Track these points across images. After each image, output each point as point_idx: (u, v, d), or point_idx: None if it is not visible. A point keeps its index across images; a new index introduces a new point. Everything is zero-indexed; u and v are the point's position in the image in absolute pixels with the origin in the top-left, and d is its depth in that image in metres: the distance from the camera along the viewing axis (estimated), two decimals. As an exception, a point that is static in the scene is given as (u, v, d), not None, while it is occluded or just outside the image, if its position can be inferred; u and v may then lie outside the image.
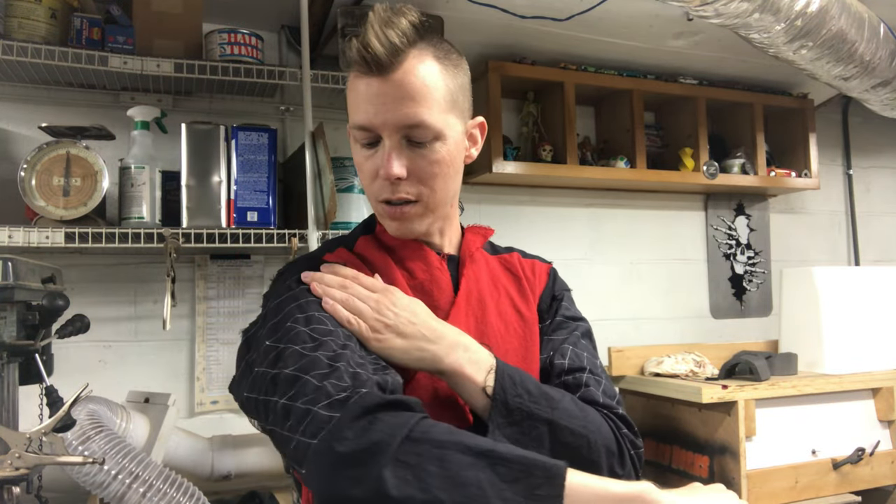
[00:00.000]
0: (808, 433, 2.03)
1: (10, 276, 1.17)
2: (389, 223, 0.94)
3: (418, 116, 0.86)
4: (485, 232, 1.04)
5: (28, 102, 1.86)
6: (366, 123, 0.88)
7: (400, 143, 0.87)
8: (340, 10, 1.90)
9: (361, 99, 0.88)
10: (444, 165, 0.90)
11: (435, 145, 0.88)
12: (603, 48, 2.34)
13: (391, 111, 0.86)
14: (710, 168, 2.50)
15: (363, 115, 0.88)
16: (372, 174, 0.90)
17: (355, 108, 0.89)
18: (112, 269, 1.91)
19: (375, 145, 0.89)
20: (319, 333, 0.81)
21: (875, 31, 1.99)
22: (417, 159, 0.88)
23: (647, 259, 2.66)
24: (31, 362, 1.23)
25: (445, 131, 0.89)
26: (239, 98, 2.04)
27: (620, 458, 0.89)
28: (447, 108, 0.89)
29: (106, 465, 1.36)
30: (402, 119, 0.86)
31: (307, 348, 0.79)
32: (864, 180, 3.15)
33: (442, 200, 0.93)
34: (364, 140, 0.90)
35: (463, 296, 0.95)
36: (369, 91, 0.87)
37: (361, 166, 0.92)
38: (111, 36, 1.71)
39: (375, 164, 0.89)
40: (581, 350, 0.98)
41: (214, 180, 1.76)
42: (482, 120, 0.99)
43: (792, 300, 2.39)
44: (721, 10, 1.64)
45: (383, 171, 0.87)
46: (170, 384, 1.93)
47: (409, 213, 0.91)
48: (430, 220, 0.94)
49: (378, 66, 0.85)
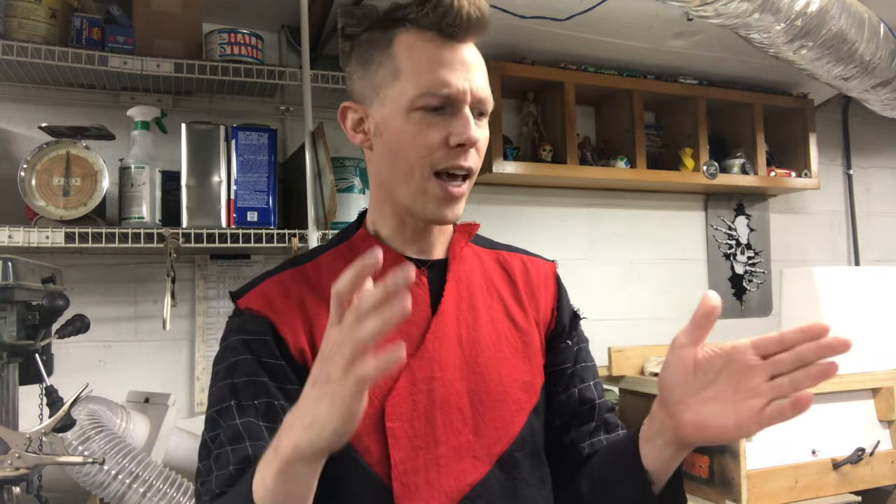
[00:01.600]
0: (808, 433, 2.03)
1: (10, 276, 1.17)
2: (439, 206, 0.85)
3: (488, 89, 0.86)
4: (469, 228, 0.97)
5: (28, 102, 1.86)
6: (448, 89, 0.82)
7: (472, 113, 0.85)
8: (340, 10, 1.90)
9: (436, 62, 0.83)
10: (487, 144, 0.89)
11: (486, 123, 0.88)
12: (603, 48, 2.34)
13: (472, 78, 0.84)
14: (710, 168, 2.50)
15: (444, 77, 0.82)
16: (440, 142, 0.83)
17: (425, 71, 0.83)
18: (112, 269, 1.91)
19: (443, 111, 0.83)
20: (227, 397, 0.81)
21: (875, 31, 1.99)
22: (479, 132, 0.86)
23: (647, 259, 2.66)
24: (31, 362, 1.23)
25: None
26: (239, 98, 2.04)
27: None
28: None
29: (106, 465, 1.36)
30: (481, 87, 0.85)
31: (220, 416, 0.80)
32: (864, 180, 3.15)
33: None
34: (436, 104, 0.82)
35: (450, 303, 0.89)
36: (450, 56, 0.83)
37: (420, 136, 0.83)
38: (111, 36, 1.71)
39: (446, 131, 0.83)
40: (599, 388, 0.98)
41: (214, 180, 1.76)
42: None
43: (792, 300, 2.38)
44: (721, 10, 1.64)
45: (463, 137, 0.82)
46: (170, 384, 1.93)
47: (464, 192, 0.86)
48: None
49: (458, 30, 0.83)
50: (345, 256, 0.88)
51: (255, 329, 0.83)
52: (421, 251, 0.91)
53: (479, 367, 0.88)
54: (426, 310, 0.88)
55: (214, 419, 0.81)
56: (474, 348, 0.88)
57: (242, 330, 0.83)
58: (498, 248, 1.01)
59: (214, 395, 0.82)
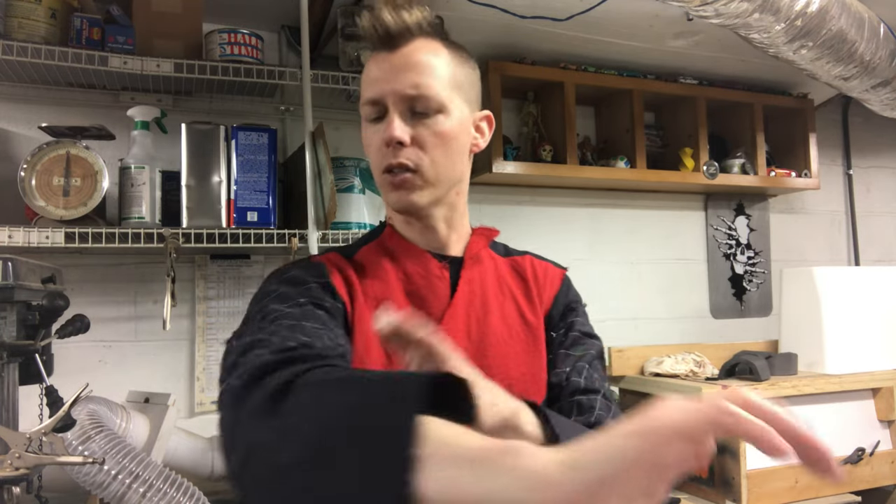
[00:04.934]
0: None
1: (10, 276, 1.17)
2: (391, 195, 0.93)
3: (421, 86, 0.90)
4: (489, 233, 1.04)
5: (28, 102, 1.86)
6: (373, 95, 0.91)
7: (404, 112, 0.90)
8: (340, 10, 1.90)
9: (371, 74, 0.92)
10: (446, 138, 0.92)
11: (438, 117, 0.91)
12: (603, 48, 2.34)
13: (397, 80, 0.90)
14: (710, 168, 2.50)
15: (371, 88, 0.92)
16: (377, 145, 0.92)
17: (365, 85, 0.93)
18: (112, 269, 1.91)
19: (382, 120, 0.92)
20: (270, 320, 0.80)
21: (875, 31, 1.99)
22: (420, 128, 0.91)
23: (647, 259, 2.66)
24: (31, 362, 1.23)
25: (449, 105, 0.92)
26: (239, 98, 2.03)
27: None
28: (451, 86, 0.92)
29: (106, 465, 1.36)
30: (406, 87, 0.89)
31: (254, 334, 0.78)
32: (864, 180, 3.15)
33: (443, 176, 0.93)
34: (372, 115, 0.92)
35: (462, 298, 0.94)
36: (379, 66, 0.92)
37: (370, 142, 0.94)
38: (111, 36, 1.71)
39: (381, 134, 0.91)
40: (594, 371, 0.96)
41: (214, 180, 1.76)
42: (489, 113, 1.01)
43: (792, 300, 2.38)
44: (721, 10, 1.64)
45: (385, 135, 0.90)
46: (170, 384, 1.93)
47: (409, 180, 0.91)
48: (430, 194, 0.93)
49: (388, 40, 0.91)
50: (379, 250, 0.97)
51: (311, 265, 0.92)
52: (438, 248, 0.97)
53: (487, 361, 0.90)
54: (445, 302, 0.93)
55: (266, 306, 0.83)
56: (483, 343, 0.91)
57: (296, 265, 0.92)
58: (512, 255, 1.05)
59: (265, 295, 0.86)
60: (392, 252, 0.97)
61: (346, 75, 1.91)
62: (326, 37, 2.02)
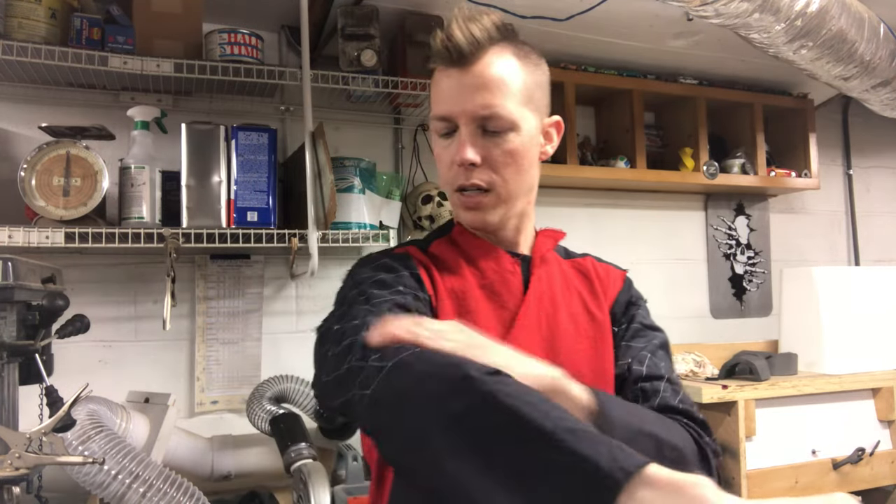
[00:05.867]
0: (808, 433, 2.03)
1: (10, 276, 1.17)
2: (464, 214, 0.96)
3: (493, 106, 0.90)
4: (556, 235, 1.07)
5: (28, 102, 1.85)
6: (444, 113, 0.92)
7: (475, 131, 0.91)
8: (340, 10, 1.90)
9: (442, 90, 0.93)
10: (517, 156, 0.93)
11: (509, 135, 0.92)
12: (603, 48, 2.34)
13: (468, 100, 0.90)
14: (710, 168, 2.50)
15: (442, 105, 0.93)
16: (448, 163, 0.94)
17: (436, 100, 0.94)
18: (112, 269, 1.91)
19: (453, 135, 0.93)
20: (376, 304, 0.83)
21: (875, 31, 1.99)
22: (491, 148, 0.92)
23: (647, 259, 2.66)
24: (31, 362, 1.23)
25: (520, 123, 0.92)
26: (239, 98, 2.03)
27: (706, 467, 0.85)
28: (523, 101, 0.93)
29: (106, 465, 1.36)
30: (477, 107, 0.90)
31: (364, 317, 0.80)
32: (864, 180, 3.15)
33: (515, 192, 0.95)
34: (443, 130, 0.94)
35: (532, 296, 0.96)
36: (449, 82, 0.92)
37: (440, 157, 0.96)
38: (111, 36, 1.71)
39: (451, 153, 0.93)
40: (658, 360, 0.97)
41: (214, 180, 1.76)
42: (559, 119, 1.02)
43: (792, 300, 2.38)
44: (721, 10, 1.64)
45: (457, 157, 0.91)
46: (170, 384, 1.92)
47: (482, 202, 0.93)
48: (503, 211, 0.96)
49: (459, 58, 0.91)
50: (451, 245, 1.00)
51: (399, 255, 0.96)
52: (508, 246, 1.00)
53: (559, 358, 0.92)
54: (518, 297, 0.96)
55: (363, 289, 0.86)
56: (553, 339, 0.94)
57: (384, 254, 0.96)
58: (573, 257, 1.09)
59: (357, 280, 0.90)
60: (464, 247, 0.99)
61: (346, 75, 1.91)
62: (326, 37, 2.02)
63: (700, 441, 0.86)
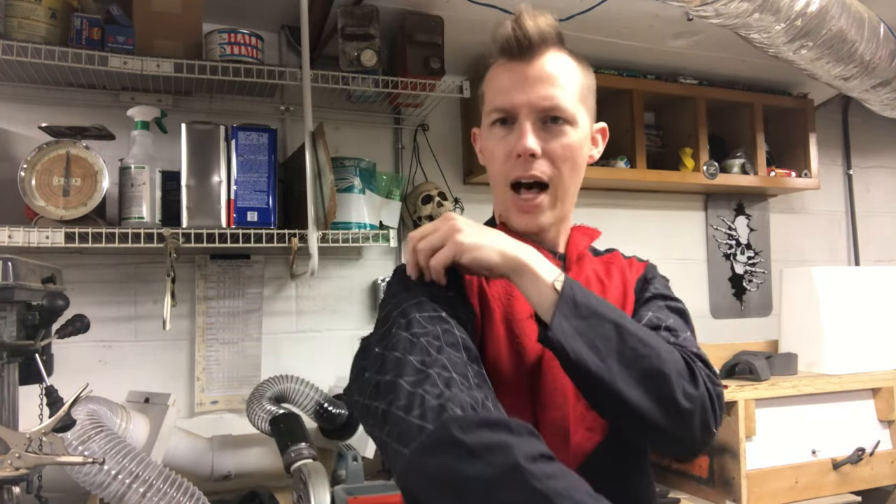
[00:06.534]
0: (808, 433, 2.03)
1: (10, 276, 1.17)
2: (519, 218, 0.96)
3: (555, 97, 0.92)
4: (591, 233, 1.07)
5: (28, 102, 1.85)
6: (505, 104, 0.93)
7: (536, 123, 0.92)
8: (340, 10, 1.90)
9: (502, 83, 0.94)
10: (574, 151, 0.95)
11: (568, 129, 0.93)
12: (603, 48, 2.34)
13: (531, 91, 0.92)
14: (710, 168, 2.50)
15: (503, 96, 0.94)
16: (505, 155, 0.94)
17: (495, 91, 0.95)
18: (112, 269, 1.91)
19: (510, 128, 0.94)
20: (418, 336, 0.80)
21: (875, 31, 1.99)
22: (551, 140, 0.93)
23: (648, 259, 2.66)
24: (31, 362, 1.23)
25: (578, 118, 0.94)
26: (239, 98, 2.03)
27: (692, 379, 0.85)
28: (580, 99, 0.95)
29: (106, 465, 1.36)
30: (540, 98, 0.92)
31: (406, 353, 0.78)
32: (864, 180, 3.15)
33: (569, 190, 0.97)
34: (498, 117, 0.95)
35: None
36: (513, 75, 0.93)
37: (494, 151, 0.96)
38: (111, 36, 1.71)
39: (509, 144, 0.94)
40: (664, 316, 0.97)
41: (214, 180, 1.76)
42: (605, 125, 1.05)
43: (792, 300, 2.38)
44: (721, 10, 1.64)
45: (518, 146, 0.92)
46: (170, 384, 1.93)
47: (540, 205, 0.95)
48: (556, 212, 0.97)
49: (526, 49, 0.93)
50: None
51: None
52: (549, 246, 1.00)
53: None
54: None
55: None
56: None
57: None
58: (601, 255, 1.10)
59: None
60: None
61: (346, 75, 1.91)
62: (326, 37, 2.02)
63: (692, 364, 0.86)
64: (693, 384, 0.85)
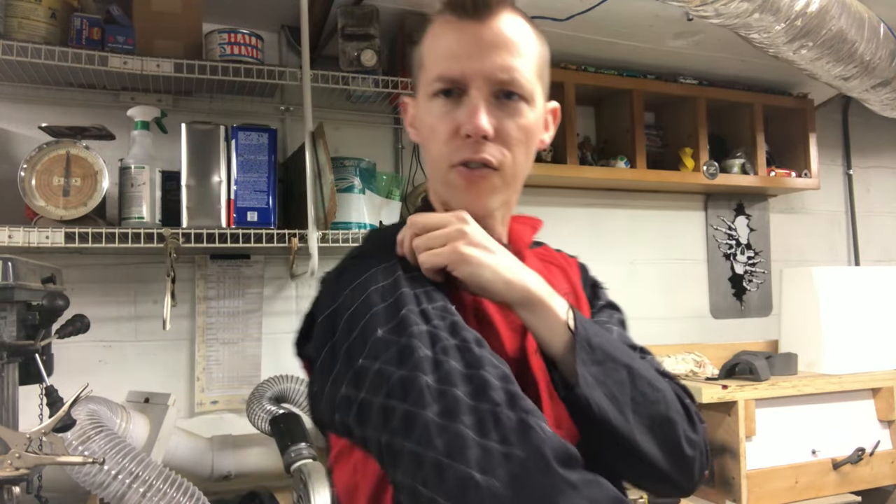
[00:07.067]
0: (808, 433, 2.03)
1: (10, 276, 1.17)
2: (462, 194, 0.81)
3: (516, 69, 0.78)
4: (534, 223, 0.95)
5: (28, 102, 1.85)
6: (453, 72, 0.78)
7: (489, 98, 0.79)
8: (340, 10, 1.90)
9: (450, 45, 0.79)
10: (528, 133, 0.82)
11: (524, 107, 0.80)
12: (603, 48, 2.34)
13: (487, 59, 0.78)
14: (710, 168, 2.50)
15: (450, 62, 0.79)
16: (450, 132, 0.79)
17: (439, 56, 0.80)
18: (112, 269, 1.91)
19: (457, 99, 0.79)
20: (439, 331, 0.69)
21: (875, 31, 1.99)
22: (505, 119, 0.79)
23: (647, 259, 2.66)
24: (31, 362, 1.23)
25: (535, 96, 0.82)
26: (239, 98, 2.03)
27: (691, 421, 0.80)
28: (537, 73, 0.83)
29: (106, 465, 1.36)
30: (497, 69, 0.78)
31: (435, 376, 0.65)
32: (864, 180, 3.15)
33: (518, 176, 0.84)
34: (441, 87, 0.79)
35: None
36: (462, 36, 0.79)
37: (436, 126, 0.81)
38: (111, 36, 1.71)
39: (456, 120, 0.79)
40: (625, 333, 0.93)
41: (214, 180, 1.76)
42: (558, 106, 0.92)
43: (792, 300, 2.39)
44: (721, 10, 1.64)
45: (469, 126, 0.77)
46: (170, 384, 1.92)
47: (489, 179, 0.80)
48: (503, 198, 0.84)
49: (483, 5, 0.79)
50: None
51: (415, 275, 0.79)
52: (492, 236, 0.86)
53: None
54: None
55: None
56: None
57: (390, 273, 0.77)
58: (533, 249, 1.00)
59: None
60: None
61: (346, 75, 1.91)
62: (326, 37, 2.02)
63: (686, 403, 0.81)
64: (692, 428, 0.80)
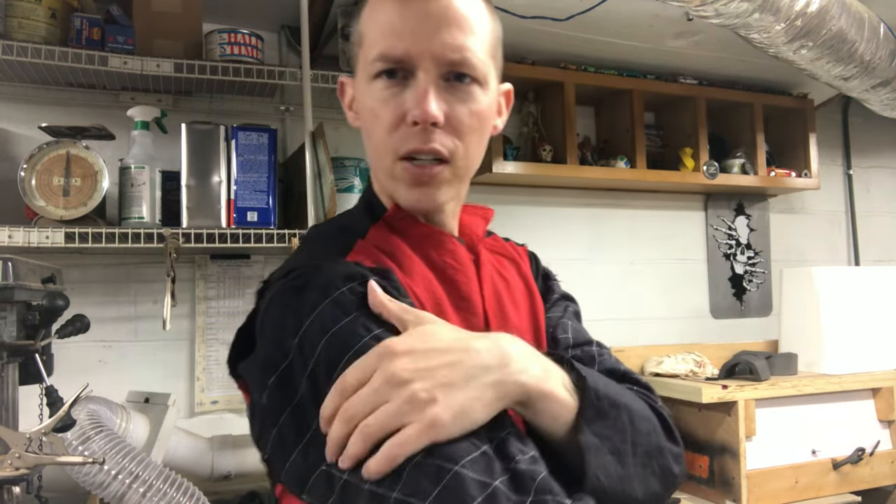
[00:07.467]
0: (808, 433, 2.03)
1: (10, 276, 1.17)
2: (409, 191, 0.74)
3: (468, 48, 0.71)
4: (485, 213, 0.87)
5: (28, 102, 1.85)
6: (397, 51, 0.70)
7: (437, 80, 0.71)
8: (340, 10, 1.90)
9: (392, 20, 0.71)
10: (481, 119, 0.75)
11: (476, 91, 0.73)
12: (603, 48, 2.34)
13: (435, 37, 0.70)
14: (710, 168, 2.50)
15: (393, 39, 0.71)
16: (395, 119, 0.71)
17: (381, 32, 0.72)
18: (112, 269, 1.91)
19: (403, 81, 0.71)
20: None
21: (875, 31, 1.99)
22: (456, 105, 0.72)
23: (647, 259, 2.66)
24: (31, 362, 1.23)
25: (488, 79, 0.74)
26: (239, 98, 2.04)
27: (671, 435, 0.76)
28: (490, 54, 0.75)
29: (106, 465, 1.36)
30: (447, 48, 0.70)
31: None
32: (864, 180, 3.15)
33: (470, 167, 0.77)
34: (384, 68, 0.71)
35: (488, 284, 0.81)
36: (406, 10, 0.71)
37: (378, 111, 0.73)
38: (111, 36, 1.71)
39: (402, 106, 0.71)
40: (578, 326, 0.89)
41: (214, 180, 1.76)
42: (510, 87, 0.84)
43: (792, 300, 2.38)
44: (721, 10, 1.64)
45: (416, 112, 0.69)
46: (170, 384, 1.92)
47: (438, 176, 0.73)
48: (454, 192, 0.77)
49: None
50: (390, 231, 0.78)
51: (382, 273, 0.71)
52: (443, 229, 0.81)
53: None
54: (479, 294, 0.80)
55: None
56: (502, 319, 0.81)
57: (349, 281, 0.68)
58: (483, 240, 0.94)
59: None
60: (413, 237, 0.78)
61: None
62: (326, 37, 2.02)
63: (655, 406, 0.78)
64: (673, 441, 0.76)
